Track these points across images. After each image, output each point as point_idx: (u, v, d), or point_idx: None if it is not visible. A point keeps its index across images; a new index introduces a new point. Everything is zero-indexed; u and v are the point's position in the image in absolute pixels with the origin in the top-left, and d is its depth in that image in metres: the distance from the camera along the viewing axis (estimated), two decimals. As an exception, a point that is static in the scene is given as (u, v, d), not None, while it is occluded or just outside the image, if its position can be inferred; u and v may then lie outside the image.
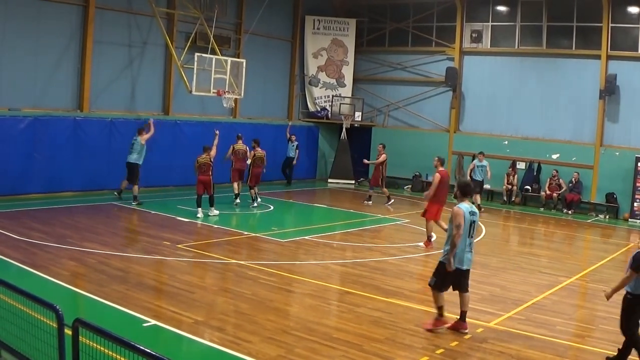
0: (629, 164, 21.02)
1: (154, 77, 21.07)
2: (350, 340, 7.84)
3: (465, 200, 8.49)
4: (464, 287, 8.48)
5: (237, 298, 9.43)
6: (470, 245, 8.45)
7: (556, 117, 22.90)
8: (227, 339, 7.64)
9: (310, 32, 26.92)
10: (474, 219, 8.38)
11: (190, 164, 20.76)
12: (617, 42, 21.52)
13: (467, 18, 24.81)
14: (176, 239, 13.21)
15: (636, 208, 20.70)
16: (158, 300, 9.22)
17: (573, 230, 18.42)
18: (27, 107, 17.54)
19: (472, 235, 8.44)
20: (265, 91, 25.33)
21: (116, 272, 10.33)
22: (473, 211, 8.38)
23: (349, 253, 13.39)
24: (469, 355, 7.59)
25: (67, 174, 18.05)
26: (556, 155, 22.73)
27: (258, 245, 13.52)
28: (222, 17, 21.57)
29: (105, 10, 19.17)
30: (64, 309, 5.37)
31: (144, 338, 7.43)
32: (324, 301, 9.71)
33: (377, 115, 27.26)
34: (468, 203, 8.44)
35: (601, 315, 9.68)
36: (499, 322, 8.94)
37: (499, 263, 13.16)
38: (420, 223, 17.35)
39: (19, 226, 13.32)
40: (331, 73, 27.32)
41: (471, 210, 8.35)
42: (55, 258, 10.96)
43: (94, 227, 14.14)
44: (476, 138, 24.40)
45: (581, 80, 22.23)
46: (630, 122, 21.48)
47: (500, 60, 24.22)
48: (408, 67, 26.39)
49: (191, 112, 22.12)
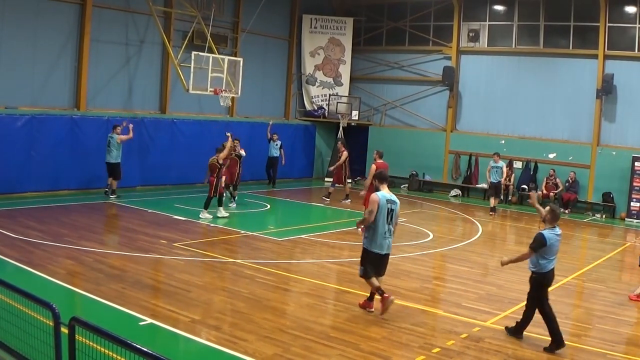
0: (625, 163, 21.06)
1: (151, 75, 21.04)
2: (347, 339, 7.84)
3: (384, 187, 8.98)
4: (381, 272, 9.06)
5: (233, 297, 9.43)
6: (390, 232, 8.87)
7: (553, 117, 22.94)
8: (223, 337, 7.64)
9: (308, 31, 26.91)
10: (392, 207, 8.79)
11: (188, 162, 20.82)
12: (614, 42, 21.56)
13: (465, 17, 24.83)
14: (173, 238, 13.21)
15: (633, 207, 20.76)
16: (155, 299, 9.21)
17: (570, 230, 18.44)
18: (24, 105, 17.51)
19: (391, 222, 8.84)
20: (262, 90, 25.32)
21: (113, 271, 10.32)
22: (392, 200, 8.83)
23: (346, 252, 13.40)
24: (465, 354, 7.60)
25: (64, 172, 18.02)
26: (553, 155, 22.77)
27: (255, 244, 13.51)
28: (219, 16, 21.57)
29: (103, 9, 19.15)
30: (60, 307, 5.37)
31: (141, 337, 7.42)
32: (321, 300, 9.71)
33: (374, 114, 27.27)
34: (387, 191, 8.91)
35: (598, 315, 9.71)
36: (495, 321, 8.95)
37: (495, 262, 13.16)
38: (419, 222, 17.40)
39: (16, 224, 13.29)
40: (328, 72, 27.32)
41: (389, 198, 8.80)
42: (52, 256, 10.95)
43: (91, 225, 14.13)
44: (473, 137, 24.44)
45: (578, 79, 22.27)
46: (627, 122, 21.53)
47: (497, 59, 24.25)
48: (405, 66, 26.40)
49: (188, 110, 22.10)
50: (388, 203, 8.76)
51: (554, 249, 8.04)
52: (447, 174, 25.19)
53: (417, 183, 25.29)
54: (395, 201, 8.87)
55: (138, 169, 19.93)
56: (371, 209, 8.69)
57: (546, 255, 7.97)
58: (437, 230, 16.89)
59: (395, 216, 8.90)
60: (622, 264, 14.68)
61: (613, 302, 10.41)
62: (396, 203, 8.87)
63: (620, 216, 21.14)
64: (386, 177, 9.31)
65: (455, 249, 14.37)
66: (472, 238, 15.94)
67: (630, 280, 12.57)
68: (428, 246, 14.35)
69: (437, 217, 19.98)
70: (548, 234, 7.99)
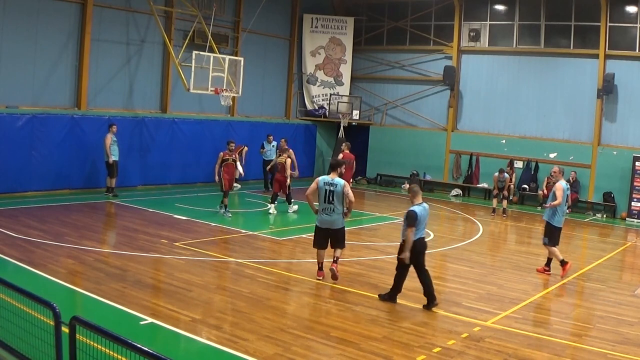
0: (626, 163, 21.05)
1: (152, 75, 21.05)
2: (348, 338, 7.84)
3: (332, 174, 10.58)
4: (323, 245, 10.61)
5: (234, 296, 9.44)
6: (326, 210, 10.43)
7: (554, 116, 22.93)
8: (224, 337, 7.64)
9: (308, 31, 26.90)
10: (330, 188, 10.36)
11: (188, 162, 20.84)
12: (615, 42, 21.55)
13: (465, 17, 24.82)
14: (174, 237, 13.21)
15: (633, 207, 20.75)
16: (155, 298, 9.21)
17: (570, 230, 18.42)
18: (25, 104, 17.52)
19: (328, 201, 10.37)
20: (263, 89, 25.32)
21: (114, 270, 10.33)
22: (330, 182, 10.40)
23: (347, 251, 13.37)
24: (466, 353, 7.60)
25: (65, 171, 18.04)
26: (554, 154, 22.77)
27: (255, 244, 13.51)
28: (220, 15, 21.57)
29: (104, 8, 19.15)
30: (61, 306, 5.37)
31: (141, 336, 7.43)
32: (321, 299, 9.71)
33: (375, 113, 27.27)
34: (332, 176, 10.47)
35: (598, 315, 9.70)
36: (496, 321, 8.95)
37: (496, 262, 13.19)
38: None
39: (17, 224, 13.30)
40: (329, 71, 27.32)
41: (327, 181, 10.43)
42: (53, 256, 10.95)
43: (92, 225, 14.14)
44: (474, 137, 24.43)
45: (579, 79, 22.27)
46: (628, 122, 21.53)
47: (498, 59, 24.25)
48: (406, 65, 26.40)
49: (189, 110, 22.10)
50: (326, 185, 10.38)
51: (423, 221, 9.49)
52: (448, 173, 25.19)
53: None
54: (335, 183, 10.34)
55: (139, 168, 19.94)
56: (308, 190, 10.72)
57: (418, 226, 9.35)
58: (438, 230, 16.87)
59: (339, 196, 10.32)
60: (623, 263, 14.68)
61: (614, 302, 10.41)
62: (336, 185, 10.32)
63: (621, 216, 21.13)
64: (334, 165, 10.85)
65: (455, 248, 14.37)
66: (473, 238, 15.94)
67: (631, 280, 12.59)
68: (428, 246, 14.31)
69: (437, 217, 19.96)
70: (417, 209, 9.36)
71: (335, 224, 10.49)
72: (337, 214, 10.43)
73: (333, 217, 10.44)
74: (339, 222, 10.52)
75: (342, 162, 11.63)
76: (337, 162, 11.03)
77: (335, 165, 10.84)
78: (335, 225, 10.51)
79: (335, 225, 10.51)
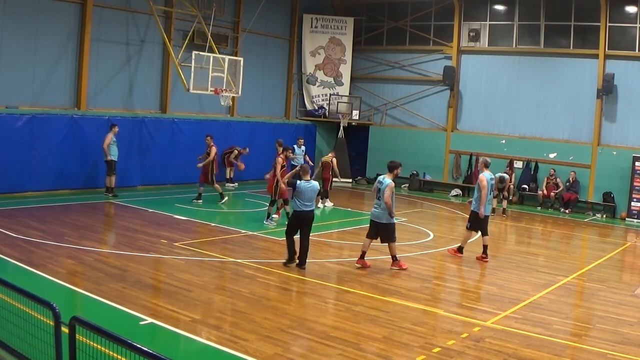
0: (626, 163, 21.06)
1: (152, 75, 21.04)
2: (348, 338, 7.84)
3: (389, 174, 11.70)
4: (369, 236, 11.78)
5: (234, 296, 9.44)
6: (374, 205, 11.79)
7: (553, 116, 22.94)
8: (224, 337, 7.64)
9: (308, 31, 26.91)
10: (378, 186, 11.62)
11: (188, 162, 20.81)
12: (614, 42, 21.55)
13: (465, 17, 24.83)
14: (174, 238, 13.21)
15: (633, 207, 20.75)
16: (155, 298, 9.21)
17: (570, 230, 18.44)
18: (25, 105, 17.51)
19: (377, 197, 11.65)
20: (262, 89, 25.32)
21: (113, 271, 10.33)
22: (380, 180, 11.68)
23: (346, 252, 13.40)
24: (466, 354, 7.60)
25: (64, 172, 18.03)
26: (553, 155, 22.77)
27: (255, 244, 13.51)
28: (219, 15, 21.57)
29: (103, 8, 19.15)
30: (61, 307, 5.37)
31: (141, 336, 7.43)
32: (321, 300, 9.71)
33: (375, 113, 27.27)
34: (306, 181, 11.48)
35: (598, 315, 9.70)
36: (496, 321, 8.95)
37: (496, 262, 13.18)
38: (420, 222, 17.45)
39: (17, 224, 13.30)
40: (329, 71, 27.32)
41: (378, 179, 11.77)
42: (53, 256, 10.95)
43: (91, 225, 14.13)
44: (474, 137, 24.44)
45: (579, 79, 22.27)
46: (628, 122, 21.53)
47: (497, 59, 24.25)
48: (406, 65, 26.40)
49: (189, 110, 22.10)
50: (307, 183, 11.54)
51: (306, 195, 11.19)
52: (448, 173, 25.19)
53: (417, 183, 25.30)
54: (381, 182, 11.55)
55: (139, 168, 19.94)
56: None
57: (300, 199, 11.19)
58: (438, 230, 16.88)
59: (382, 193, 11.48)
60: (623, 263, 14.69)
61: (614, 302, 10.41)
62: (382, 183, 11.53)
63: (620, 216, 21.13)
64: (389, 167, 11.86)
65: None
66: (473, 238, 15.92)
67: (631, 280, 12.59)
68: (428, 246, 14.35)
69: (437, 217, 19.98)
70: (301, 184, 11.25)
71: (379, 218, 11.53)
72: (381, 209, 11.45)
73: (378, 212, 11.55)
74: (383, 217, 11.49)
75: (396, 164, 11.99)
76: (392, 164, 11.84)
77: (391, 167, 11.79)
78: (379, 220, 11.53)
79: (379, 219, 11.53)
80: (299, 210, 11.26)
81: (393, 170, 11.67)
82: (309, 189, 11.29)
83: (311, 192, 11.30)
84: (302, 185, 11.24)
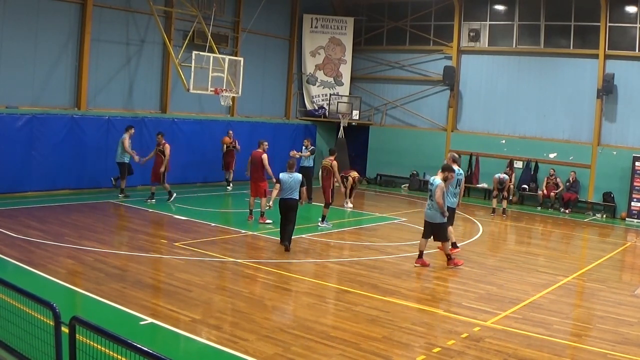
0: (626, 163, 21.05)
1: (152, 75, 21.04)
2: (348, 338, 7.84)
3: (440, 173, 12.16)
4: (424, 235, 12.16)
5: (234, 296, 9.44)
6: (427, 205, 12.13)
7: (553, 116, 22.93)
8: (224, 337, 7.64)
9: (308, 31, 26.90)
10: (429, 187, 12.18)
11: (188, 162, 20.84)
12: (614, 42, 21.55)
13: (465, 17, 24.82)
14: (174, 238, 13.22)
15: (633, 207, 20.75)
16: (155, 298, 9.21)
17: (570, 230, 18.45)
18: (25, 105, 17.51)
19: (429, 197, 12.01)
20: (262, 89, 25.32)
21: (113, 270, 10.33)
22: (293, 177, 12.74)
23: (346, 252, 13.40)
24: (466, 353, 7.60)
25: (64, 172, 18.03)
26: (553, 155, 22.77)
27: (255, 244, 13.52)
28: (219, 15, 21.56)
29: (103, 8, 19.15)
30: (61, 307, 5.36)
31: (141, 336, 7.43)
32: (321, 300, 9.71)
33: (375, 113, 27.27)
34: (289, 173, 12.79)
35: (598, 315, 9.70)
36: (495, 321, 8.95)
37: (496, 262, 13.19)
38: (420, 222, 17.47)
39: (17, 224, 13.30)
40: (329, 71, 27.32)
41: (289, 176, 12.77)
42: (53, 256, 10.95)
43: (91, 225, 14.13)
44: (474, 137, 24.44)
45: (579, 79, 22.27)
46: (628, 122, 21.53)
47: (497, 59, 24.25)
48: (406, 65, 26.40)
49: (189, 110, 22.10)
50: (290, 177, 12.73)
51: (287, 186, 12.59)
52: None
53: (417, 183, 25.28)
54: (431, 182, 12.12)
55: (139, 168, 19.91)
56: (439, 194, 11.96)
57: (284, 189, 12.58)
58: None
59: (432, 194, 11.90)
60: (623, 263, 14.69)
61: (614, 302, 10.41)
62: (432, 184, 12.05)
63: (620, 216, 21.13)
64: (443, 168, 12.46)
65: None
66: (473, 238, 15.94)
67: (631, 280, 12.59)
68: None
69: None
70: (283, 175, 12.67)
71: (433, 218, 11.91)
72: (434, 210, 11.83)
73: (431, 212, 11.93)
74: (436, 217, 11.83)
75: (447, 166, 12.49)
76: (445, 166, 12.50)
77: (443, 168, 12.39)
78: (433, 220, 11.90)
79: (433, 219, 11.89)
80: (284, 198, 12.62)
81: (445, 171, 12.16)
82: (291, 180, 12.69)
83: (293, 183, 12.67)
84: (285, 177, 12.70)
